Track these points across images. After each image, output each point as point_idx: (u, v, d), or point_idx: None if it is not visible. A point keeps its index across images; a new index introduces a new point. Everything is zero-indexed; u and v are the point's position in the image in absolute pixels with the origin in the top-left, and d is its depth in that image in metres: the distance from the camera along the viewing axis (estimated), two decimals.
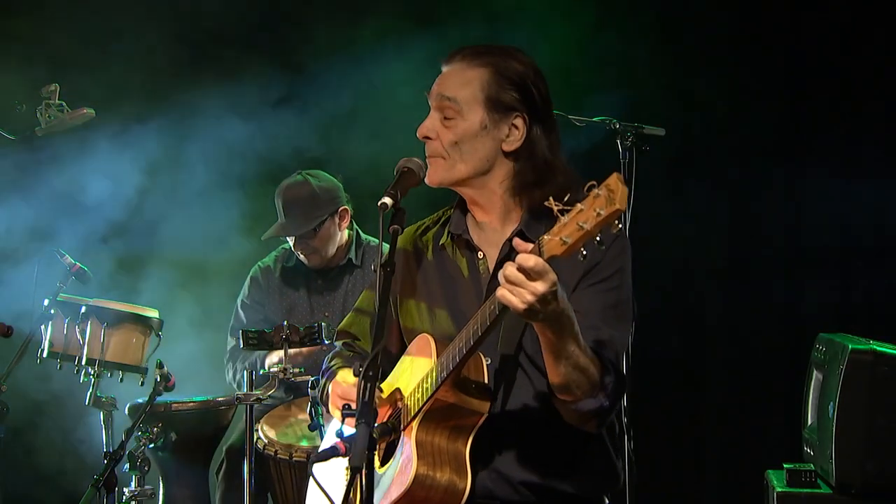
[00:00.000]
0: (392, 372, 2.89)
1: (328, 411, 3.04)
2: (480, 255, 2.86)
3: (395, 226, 2.64)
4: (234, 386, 4.81)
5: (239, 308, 4.97)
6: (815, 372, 4.18)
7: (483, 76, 2.79)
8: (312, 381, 3.93)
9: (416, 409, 2.67)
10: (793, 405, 4.39)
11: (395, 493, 2.63)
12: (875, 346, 3.80)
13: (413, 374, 2.76)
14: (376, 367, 2.39)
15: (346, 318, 3.20)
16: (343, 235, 4.88)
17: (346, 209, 4.84)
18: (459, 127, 2.77)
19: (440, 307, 2.88)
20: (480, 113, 2.77)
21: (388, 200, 2.63)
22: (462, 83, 2.79)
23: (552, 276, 2.38)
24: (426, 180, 2.82)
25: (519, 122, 2.80)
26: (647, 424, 4.54)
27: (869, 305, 5.32)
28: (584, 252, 2.35)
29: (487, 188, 2.83)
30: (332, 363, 3.09)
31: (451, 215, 2.94)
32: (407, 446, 2.68)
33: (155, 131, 5.40)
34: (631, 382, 4.25)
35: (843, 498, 3.80)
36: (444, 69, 2.85)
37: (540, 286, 2.37)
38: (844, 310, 5.31)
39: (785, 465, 3.99)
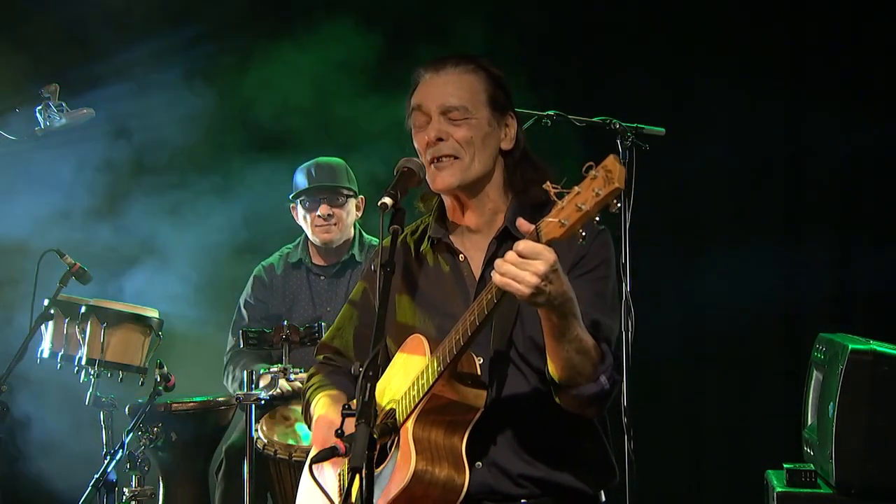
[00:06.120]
0: (384, 374, 2.89)
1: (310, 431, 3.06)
2: (461, 257, 2.90)
3: (396, 226, 2.65)
4: (231, 391, 4.77)
5: (242, 307, 4.98)
6: (815, 372, 4.17)
7: (481, 79, 2.86)
8: None
9: (413, 406, 2.68)
10: (793, 405, 4.39)
11: (395, 489, 2.64)
12: (875, 346, 3.80)
13: (407, 373, 2.77)
14: (376, 367, 2.39)
15: (327, 332, 3.22)
16: (352, 228, 4.93)
17: (363, 198, 4.98)
18: (472, 125, 2.82)
19: (424, 310, 2.91)
20: (486, 112, 2.84)
21: (388, 200, 2.64)
22: (465, 88, 2.84)
23: (551, 255, 2.41)
24: (437, 186, 2.85)
25: (510, 121, 2.89)
26: (647, 424, 4.53)
27: (869, 305, 5.32)
28: (584, 234, 2.37)
29: (485, 190, 2.87)
30: (311, 383, 3.12)
31: (430, 222, 2.98)
32: (403, 443, 2.68)
33: None
34: (631, 383, 4.25)
35: (843, 498, 3.79)
36: (432, 77, 2.87)
37: (541, 265, 2.40)
38: (844, 310, 5.31)
39: (785, 465, 3.98)
